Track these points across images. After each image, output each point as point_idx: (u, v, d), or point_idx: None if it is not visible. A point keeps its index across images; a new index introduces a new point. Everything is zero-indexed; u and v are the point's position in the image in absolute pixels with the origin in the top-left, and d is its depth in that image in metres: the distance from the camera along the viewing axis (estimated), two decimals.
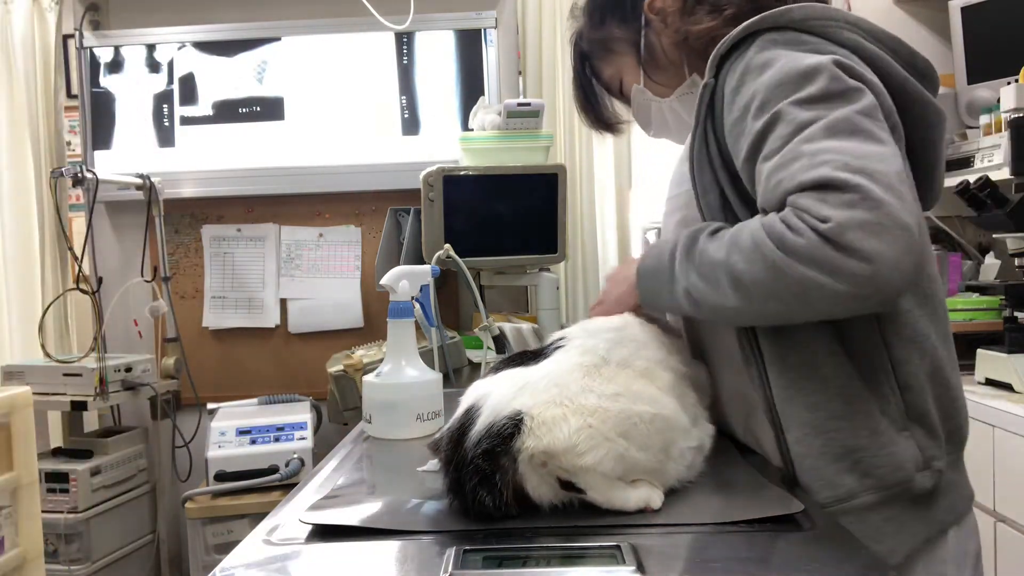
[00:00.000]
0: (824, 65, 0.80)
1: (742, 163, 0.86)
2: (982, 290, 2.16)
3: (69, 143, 2.86)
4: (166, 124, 2.84)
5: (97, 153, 2.82)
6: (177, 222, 2.84)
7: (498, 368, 0.85)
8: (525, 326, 2.21)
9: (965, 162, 2.17)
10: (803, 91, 0.80)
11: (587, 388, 0.77)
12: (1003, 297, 1.98)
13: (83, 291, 2.47)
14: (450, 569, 0.64)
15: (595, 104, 1.19)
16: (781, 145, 0.79)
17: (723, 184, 0.91)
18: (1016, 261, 1.91)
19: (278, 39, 2.82)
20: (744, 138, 0.84)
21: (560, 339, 0.88)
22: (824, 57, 0.82)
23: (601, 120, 1.21)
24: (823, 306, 0.75)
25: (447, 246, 2.10)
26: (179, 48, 2.83)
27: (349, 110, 2.82)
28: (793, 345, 0.85)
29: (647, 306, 0.95)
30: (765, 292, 0.77)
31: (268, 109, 2.83)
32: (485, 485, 0.72)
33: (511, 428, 0.72)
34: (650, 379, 0.84)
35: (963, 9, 2.39)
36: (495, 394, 0.77)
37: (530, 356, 0.85)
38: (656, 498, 0.76)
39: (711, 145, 0.92)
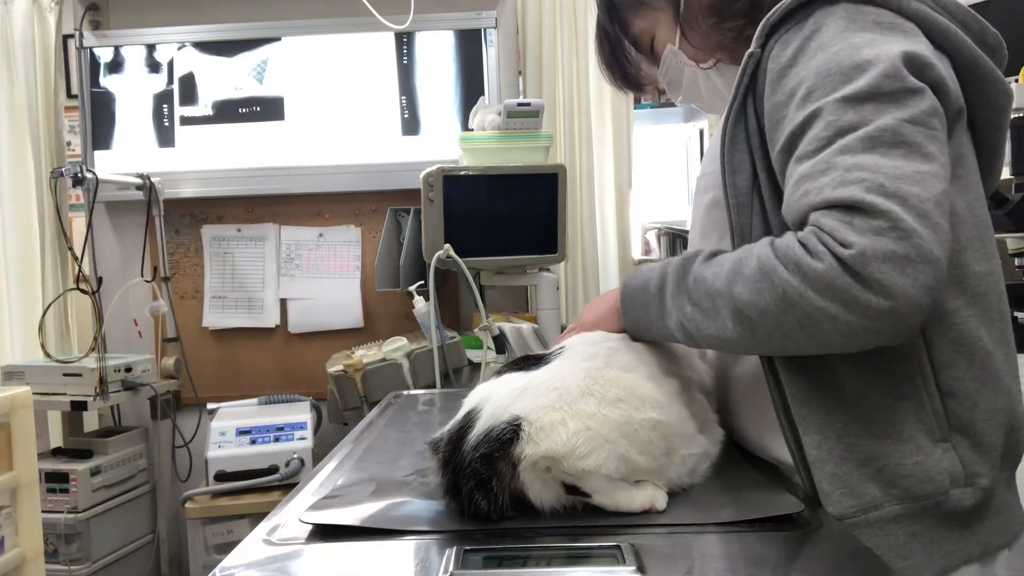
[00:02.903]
0: (882, 59, 0.73)
1: (777, 153, 0.80)
2: None
3: (69, 143, 2.86)
4: (166, 124, 2.84)
5: (97, 153, 2.82)
6: (177, 222, 2.84)
7: (500, 372, 0.85)
8: (525, 326, 2.21)
9: None
10: (851, 85, 0.73)
11: (587, 392, 0.76)
12: None
13: (83, 291, 2.47)
14: (450, 569, 0.64)
15: (620, 59, 1.07)
16: (816, 149, 0.73)
17: (756, 165, 0.83)
18: (1016, 261, 1.91)
19: (278, 39, 2.82)
20: (784, 126, 0.78)
21: (561, 348, 0.87)
22: (890, 51, 0.74)
23: (628, 77, 1.08)
24: (831, 339, 0.70)
25: (447, 246, 2.10)
26: (179, 48, 2.83)
27: (349, 110, 2.82)
28: None
29: (635, 336, 0.89)
30: (770, 325, 0.72)
31: (268, 109, 2.83)
32: (481, 489, 0.72)
33: (510, 433, 0.72)
34: (655, 384, 0.83)
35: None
36: (495, 398, 0.76)
37: (532, 361, 0.85)
38: (660, 499, 0.76)
39: (749, 121, 0.84)
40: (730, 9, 0.88)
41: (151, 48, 2.83)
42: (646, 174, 2.81)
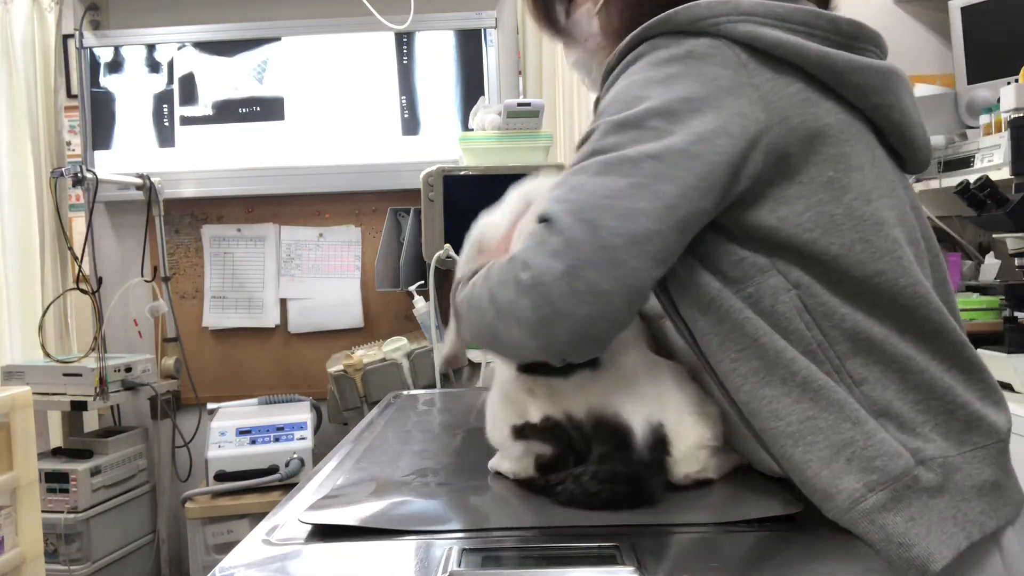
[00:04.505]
0: (660, 96, 0.75)
1: None
2: (982, 290, 2.16)
3: (69, 143, 2.86)
4: (166, 124, 2.84)
5: (97, 153, 2.82)
6: (177, 222, 2.84)
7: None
8: None
9: (965, 162, 2.17)
10: (625, 112, 0.75)
11: (651, 372, 0.86)
12: (1003, 297, 1.98)
13: (83, 291, 2.47)
14: (450, 569, 0.64)
15: (551, 9, 1.02)
16: (574, 163, 0.77)
17: None
18: (1016, 261, 1.91)
19: (278, 39, 2.82)
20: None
21: None
22: (676, 91, 0.75)
23: (557, 27, 1.03)
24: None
25: (447, 246, 2.10)
26: (179, 48, 2.83)
27: (349, 110, 2.82)
28: (743, 351, 0.77)
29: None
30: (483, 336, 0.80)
31: (268, 109, 2.83)
32: (660, 482, 0.81)
33: (662, 437, 0.81)
34: (638, 347, 0.89)
35: (963, 9, 2.39)
36: (628, 401, 0.82)
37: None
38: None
39: None
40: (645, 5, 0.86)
41: (151, 48, 2.83)
42: None
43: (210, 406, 2.50)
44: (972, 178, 1.86)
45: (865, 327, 0.77)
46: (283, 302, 2.84)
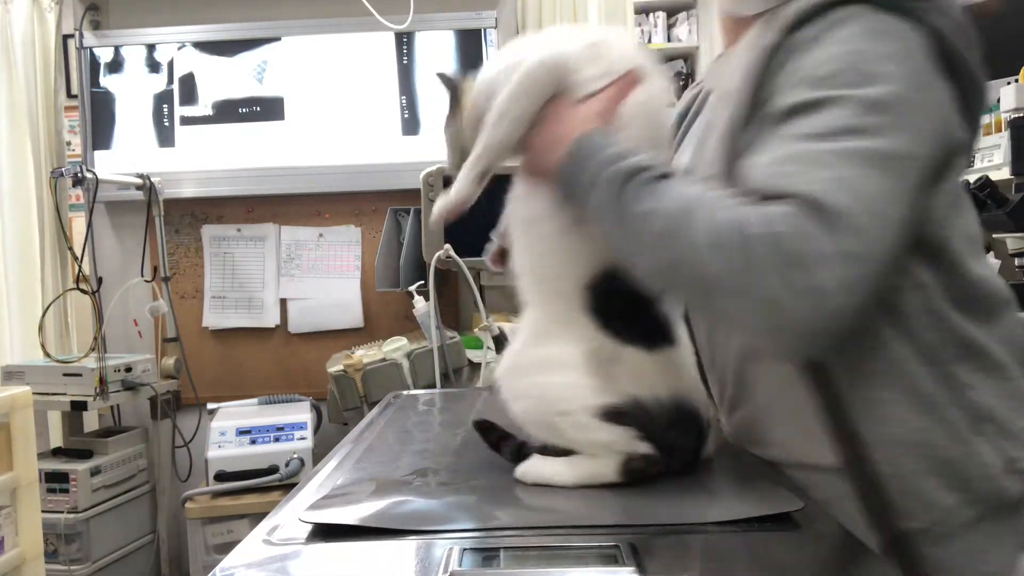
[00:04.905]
0: (899, 76, 0.72)
1: (760, 117, 0.75)
2: None
3: (69, 143, 2.86)
4: (166, 124, 2.84)
5: (97, 153, 2.82)
6: (177, 222, 2.84)
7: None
8: None
9: None
10: (872, 89, 0.71)
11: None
12: None
13: (83, 291, 2.47)
14: (450, 568, 0.64)
15: None
16: (821, 135, 0.69)
17: None
18: (1016, 261, 1.91)
19: (278, 39, 2.82)
20: (784, 98, 0.73)
21: None
22: (905, 70, 0.73)
23: None
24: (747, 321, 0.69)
25: (447, 246, 2.10)
26: (179, 48, 2.83)
27: (349, 110, 2.82)
28: (869, 351, 0.77)
29: (562, 193, 0.85)
30: (705, 285, 0.68)
31: (268, 109, 2.83)
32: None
33: (709, 418, 0.87)
34: None
35: (963, 9, 2.39)
36: (694, 385, 0.86)
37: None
38: None
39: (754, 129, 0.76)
40: None
41: (151, 48, 2.83)
42: None
43: (210, 406, 2.50)
44: (972, 178, 1.86)
45: (971, 333, 0.80)
46: (283, 302, 2.85)
